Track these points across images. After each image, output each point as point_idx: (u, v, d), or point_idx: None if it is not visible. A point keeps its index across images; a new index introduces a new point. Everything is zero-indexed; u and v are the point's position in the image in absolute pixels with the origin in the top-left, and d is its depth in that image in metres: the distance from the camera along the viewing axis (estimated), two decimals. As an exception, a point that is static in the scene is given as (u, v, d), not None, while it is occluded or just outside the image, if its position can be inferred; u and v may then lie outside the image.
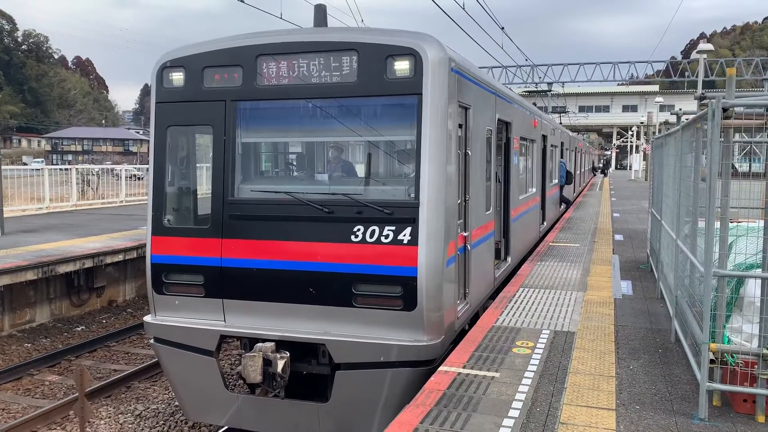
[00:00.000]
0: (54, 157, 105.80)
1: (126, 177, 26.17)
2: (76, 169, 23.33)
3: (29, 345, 11.69)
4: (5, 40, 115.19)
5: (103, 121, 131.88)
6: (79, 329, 12.83)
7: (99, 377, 10.15)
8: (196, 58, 7.09)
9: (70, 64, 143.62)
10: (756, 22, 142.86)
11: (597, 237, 15.82)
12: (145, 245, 7.48)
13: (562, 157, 21.80)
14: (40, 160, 79.65)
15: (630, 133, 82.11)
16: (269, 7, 13.93)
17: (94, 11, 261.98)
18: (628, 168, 79.64)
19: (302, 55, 6.71)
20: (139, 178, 32.97)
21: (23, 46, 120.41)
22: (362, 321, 6.48)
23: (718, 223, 5.00)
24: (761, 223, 5.01)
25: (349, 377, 6.53)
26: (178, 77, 7.16)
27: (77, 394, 7.97)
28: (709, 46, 29.48)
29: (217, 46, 7.07)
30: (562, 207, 22.17)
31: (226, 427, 7.75)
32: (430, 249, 6.30)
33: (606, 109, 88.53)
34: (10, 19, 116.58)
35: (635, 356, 6.61)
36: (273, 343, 6.59)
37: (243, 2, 12.41)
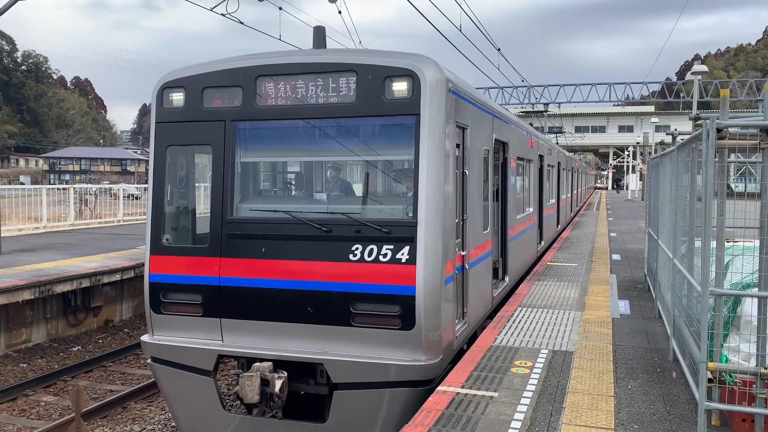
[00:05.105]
0: (51, 176, 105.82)
1: (123, 196, 26.19)
2: (74, 188, 23.34)
3: (25, 365, 11.62)
4: (5, 61, 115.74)
5: (101, 141, 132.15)
6: (75, 349, 12.76)
7: (95, 398, 10.08)
8: (196, 79, 7.15)
9: (69, 84, 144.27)
10: (750, 44, 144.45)
11: (594, 257, 15.84)
12: (142, 264, 7.49)
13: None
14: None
15: (626, 153, 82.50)
16: (268, 29, 14.09)
17: (94, 33, 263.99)
18: (624, 188, 79.96)
19: (302, 76, 6.78)
20: (136, 198, 32.97)
21: (23, 67, 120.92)
22: (360, 340, 6.47)
23: (714, 242, 5.04)
24: (757, 242, 5.03)
25: (347, 397, 6.51)
26: (178, 97, 7.22)
27: (73, 415, 7.93)
28: (704, 68, 29.81)
29: (217, 67, 7.15)
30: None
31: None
32: (428, 268, 6.32)
33: (602, 129, 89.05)
34: (9, 40, 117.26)
35: (633, 376, 6.61)
36: (271, 363, 6.57)
37: (243, 24, 12.54)
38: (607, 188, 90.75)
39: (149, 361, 7.39)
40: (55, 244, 17.18)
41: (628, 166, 78.56)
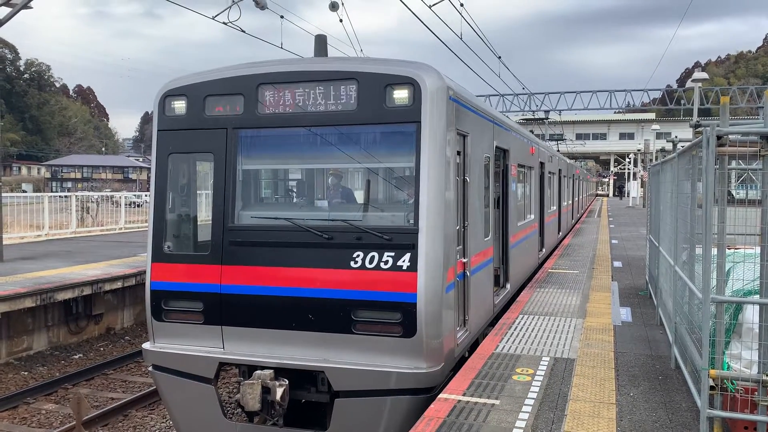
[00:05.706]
0: (53, 184, 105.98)
1: (125, 204, 26.24)
2: (76, 196, 23.37)
3: (26, 373, 11.61)
4: (8, 69, 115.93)
5: (103, 149, 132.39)
6: (76, 357, 12.74)
7: (96, 405, 10.06)
8: (198, 87, 7.18)
9: (71, 92, 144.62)
10: (750, 52, 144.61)
11: (596, 264, 15.83)
12: (144, 272, 7.49)
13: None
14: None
15: (627, 160, 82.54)
16: (270, 38, 14.14)
17: (96, 41, 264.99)
18: (625, 195, 80.00)
19: (303, 84, 6.81)
20: (138, 205, 33.02)
21: (25, 75, 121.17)
22: (361, 348, 6.46)
23: (715, 249, 5.03)
24: (758, 249, 5.03)
25: (348, 405, 6.49)
26: (180, 105, 7.25)
27: (74, 423, 7.91)
28: (704, 75, 29.92)
29: (218, 75, 7.18)
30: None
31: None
32: (429, 275, 6.32)
33: (603, 136, 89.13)
34: (12, 49, 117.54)
35: (635, 383, 6.59)
36: (272, 371, 6.57)
37: (244, 32, 12.60)
38: (608, 195, 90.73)
39: (150, 368, 7.38)
40: (56, 252, 17.20)
41: (629, 173, 78.55)
